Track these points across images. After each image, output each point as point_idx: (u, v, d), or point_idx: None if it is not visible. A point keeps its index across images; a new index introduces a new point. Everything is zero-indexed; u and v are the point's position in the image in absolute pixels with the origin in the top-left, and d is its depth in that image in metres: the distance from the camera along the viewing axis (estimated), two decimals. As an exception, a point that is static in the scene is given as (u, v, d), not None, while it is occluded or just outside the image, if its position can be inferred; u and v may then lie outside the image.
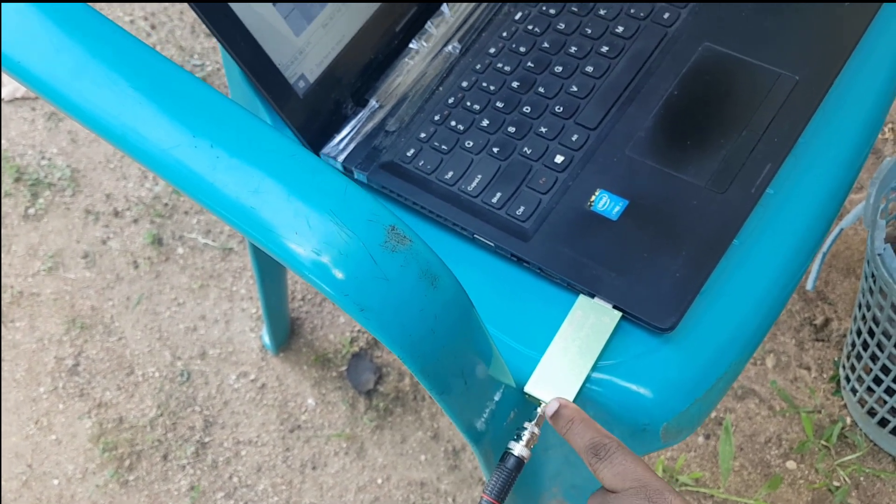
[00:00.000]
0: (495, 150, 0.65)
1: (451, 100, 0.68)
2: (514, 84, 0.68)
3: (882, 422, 1.10)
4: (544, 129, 0.65)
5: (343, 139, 0.67)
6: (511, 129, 0.65)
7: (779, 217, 0.61)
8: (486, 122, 0.66)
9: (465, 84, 0.68)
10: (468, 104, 0.67)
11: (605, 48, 0.68)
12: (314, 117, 0.66)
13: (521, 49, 0.69)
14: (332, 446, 1.20)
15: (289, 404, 1.23)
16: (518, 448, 0.53)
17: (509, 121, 0.66)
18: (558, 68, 0.68)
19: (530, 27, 0.70)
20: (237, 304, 1.29)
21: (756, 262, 0.60)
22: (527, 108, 0.66)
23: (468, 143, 0.65)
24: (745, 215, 0.59)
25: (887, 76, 0.70)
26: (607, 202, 0.61)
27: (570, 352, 0.56)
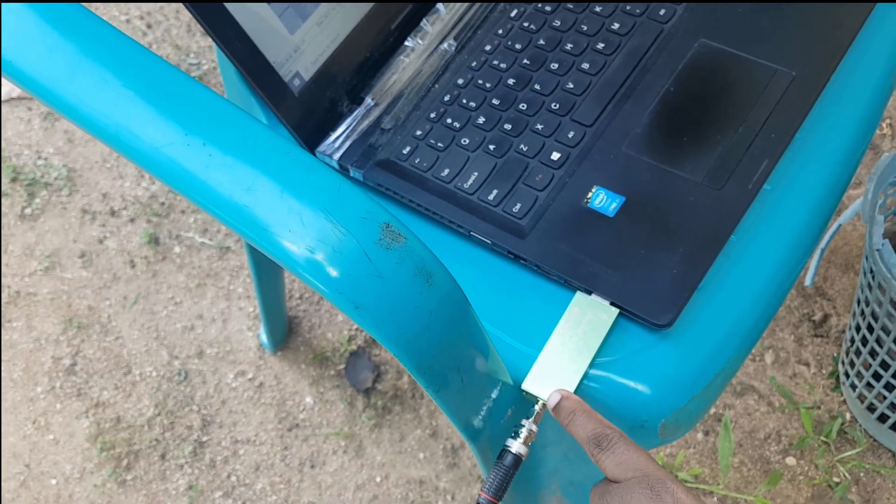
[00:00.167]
0: (491, 147, 0.65)
1: (447, 97, 0.67)
2: (510, 81, 0.67)
3: (882, 417, 1.10)
4: (540, 126, 0.65)
5: (339, 137, 0.67)
6: (507, 127, 0.65)
7: (776, 213, 0.61)
8: (481, 119, 0.66)
9: (460, 81, 0.68)
10: (464, 101, 0.67)
11: (600, 45, 0.67)
12: (310, 115, 0.66)
13: (517, 46, 0.69)
14: (330, 445, 1.19)
15: (287, 403, 1.22)
16: (516, 445, 0.52)
17: (505, 118, 0.66)
18: (554, 65, 0.67)
19: (526, 24, 0.70)
20: (234, 302, 1.29)
21: (753, 257, 0.60)
22: (523, 105, 0.66)
23: (464, 141, 0.65)
24: (741, 211, 0.59)
25: (884, 71, 0.70)
26: (604, 199, 0.61)
27: (567, 349, 0.56)
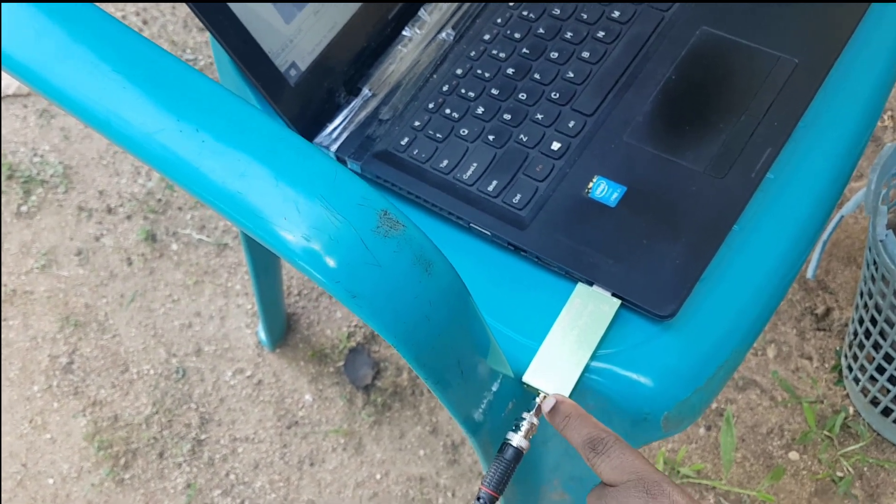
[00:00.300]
0: (491, 137, 0.64)
1: (446, 87, 0.67)
2: (510, 71, 0.66)
3: (885, 411, 1.09)
4: (540, 115, 0.64)
5: (336, 128, 0.66)
6: (507, 117, 0.64)
7: (779, 202, 0.60)
8: (481, 109, 0.65)
9: (459, 71, 0.67)
10: (463, 91, 0.66)
11: (601, 33, 0.67)
12: (306, 106, 0.65)
13: (517, 35, 0.68)
14: (329, 442, 1.19)
15: (286, 400, 1.22)
16: (517, 439, 0.52)
17: (505, 108, 0.65)
18: (554, 54, 0.66)
19: (525, 13, 0.69)
20: (232, 300, 1.28)
21: (756, 248, 0.59)
22: (522, 94, 0.65)
23: (463, 131, 0.64)
24: (745, 201, 0.58)
25: (887, 60, 0.69)
26: (605, 189, 0.60)
27: (568, 341, 0.55)
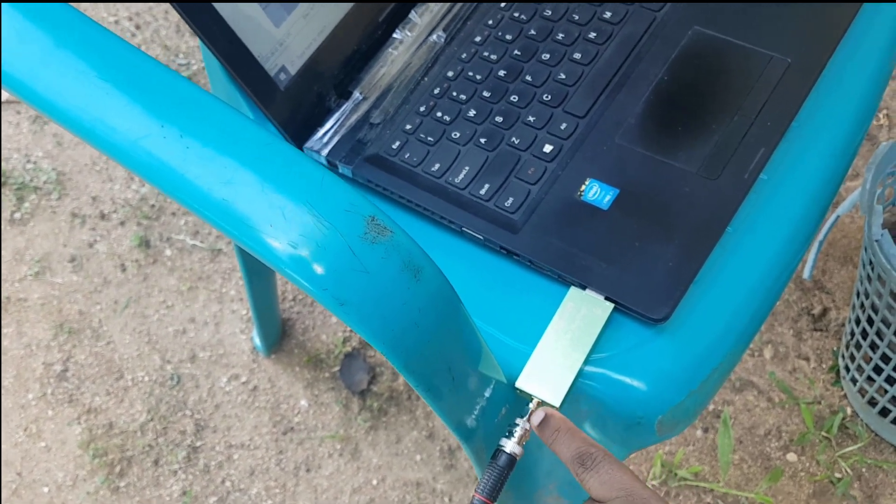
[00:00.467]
0: (482, 140, 0.63)
1: (437, 90, 0.66)
2: (501, 73, 0.66)
3: (883, 411, 1.08)
4: (532, 118, 0.64)
5: (327, 132, 0.65)
6: (498, 119, 0.64)
7: (773, 203, 0.60)
8: (472, 112, 0.65)
9: (450, 74, 0.67)
10: (454, 94, 0.66)
11: (592, 34, 0.66)
12: (296, 110, 0.64)
13: (508, 37, 0.68)
14: (325, 448, 1.18)
15: (281, 406, 1.21)
16: (510, 445, 0.51)
17: (496, 110, 0.64)
18: (545, 56, 0.66)
19: (516, 15, 0.68)
20: (227, 305, 1.28)
21: (750, 249, 0.59)
22: (514, 96, 0.65)
23: (455, 135, 0.64)
24: (738, 202, 0.58)
25: (881, 58, 0.68)
26: (598, 191, 0.60)
27: (561, 345, 0.55)
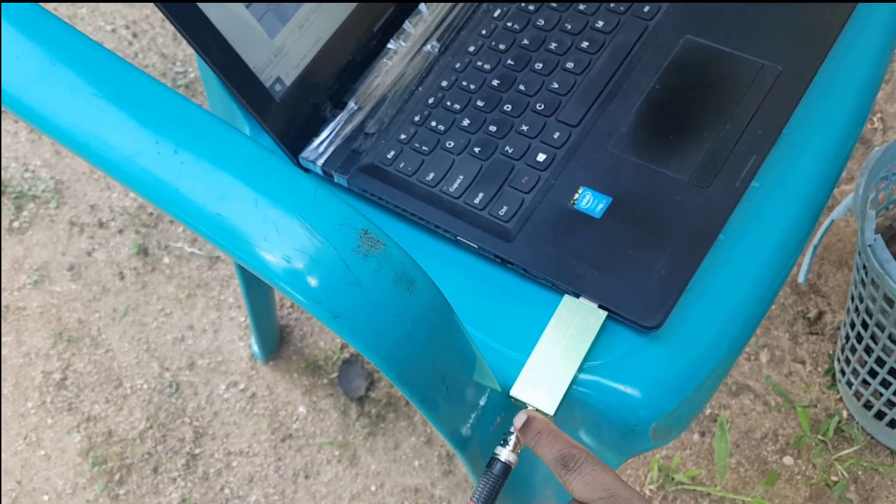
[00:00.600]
0: (476, 149, 0.64)
1: (431, 100, 0.67)
2: (495, 82, 0.66)
3: (879, 414, 1.09)
4: (525, 127, 0.64)
5: (322, 143, 0.66)
6: (492, 129, 0.64)
7: (764, 210, 0.60)
8: (466, 121, 0.65)
9: (444, 84, 0.67)
10: (448, 104, 0.66)
11: (585, 44, 0.67)
12: (292, 121, 0.65)
13: (501, 47, 0.68)
14: (324, 454, 1.18)
15: (280, 413, 1.21)
16: (505, 453, 0.52)
17: (490, 120, 0.65)
18: (538, 65, 0.67)
19: (509, 24, 0.69)
20: (225, 312, 1.28)
21: (742, 256, 0.59)
22: (507, 106, 0.65)
23: (449, 144, 0.64)
24: (729, 210, 0.58)
25: (872, 64, 0.69)
26: (591, 200, 0.60)
27: (555, 353, 0.55)
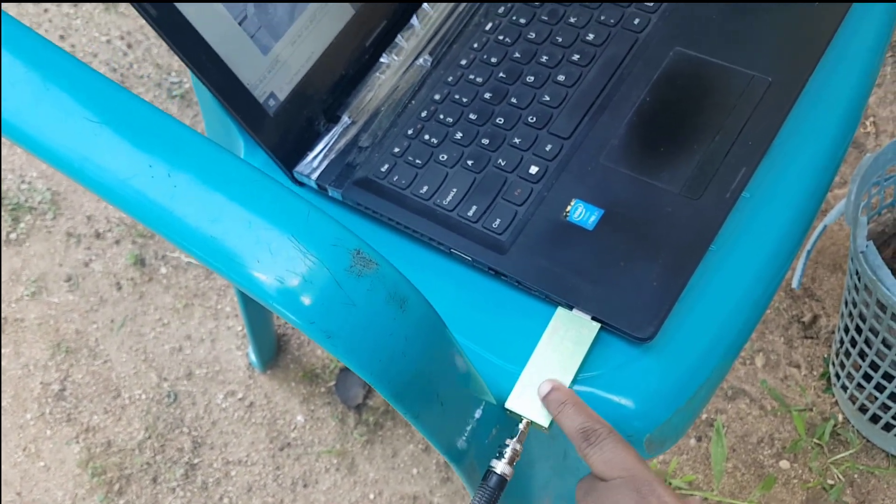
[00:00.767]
0: (469, 162, 0.64)
1: (424, 113, 0.67)
2: (487, 95, 0.67)
3: (874, 418, 1.09)
4: (518, 139, 0.65)
5: (316, 157, 0.66)
6: (485, 141, 0.65)
7: (755, 221, 0.61)
8: (459, 134, 0.66)
9: (437, 97, 0.68)
10: (441, 117, 0.67)
11: (576, 56, 0.67)
12: (286, 135, 0.65)
13: (493, 60, 0.69)
14: (322, 463, 1.19)
15: (278, 422, 1.22)
16: (500, 466, 0.52)
17: (483, 133, 0.65)
18: (530, 78, 0.67)
19: (501, 37, 0.69)
20: (222, 322, 1.28)
21: (734, 267, 0.59)
22: (500, 119, 0.66)
23: (442, 157, 0.65)
24: (720, 221, 0.59)
25: (862, 72, 0.69)
26: (583, 212, 0.61)
27: (550, 365, 0.56)
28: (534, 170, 0.63)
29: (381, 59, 0.70)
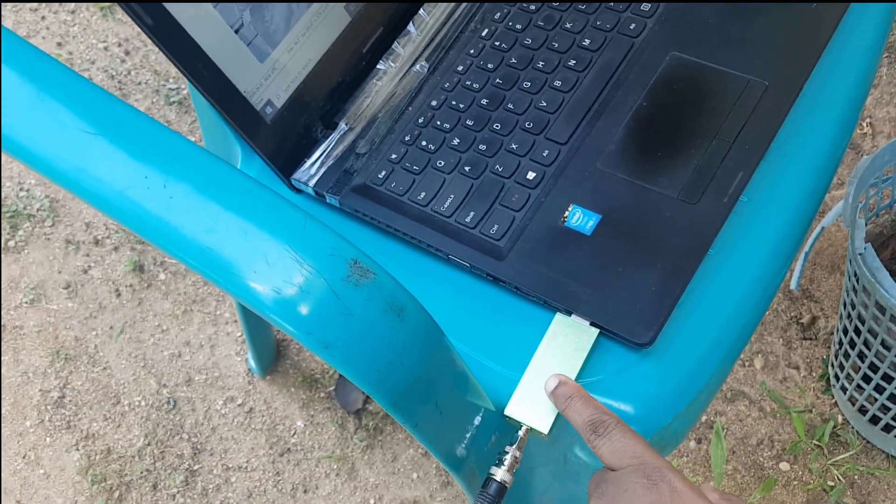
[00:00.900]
0: (467, 168, 0.64)
1: (421, 119, 0.67)
2: (484, 101, 0.67)
3: (873, 419, 1.09)
4: (515, 145, 0.64)
5: (314, 163, 0.66)
6: (482, 147, 0.65)
7: (753, 225, 0.61)
8: (456, 140, 0.66)
9: (434, 103, 0.68)
10: (438, 123, 0.67)
11: (572, 62, 0.67)
12: (283, 143, 0.65)
13: (490, 65, 0.69)
14: (322, 468, 1.19)
15: (277, 427, 1.22)
16: (500, 473, 0.52)
17: (480, 138, 0.65)
18: (527, 83, 0.67)
19: (497, 43, 0.69)
20: (221, 328, 1.28)
21: (732, 271, 0.59)
22: (497, 124, 0.66)
23: (440, 163, 0.65)
24: (718, 226, 0.59)
25: (858, 75, 0.69)
26: (580, 217, 0.60)
27: (549, 371, 0.56)
28: (531, 175, 0.63)
29: (378, 66, 0.70)
